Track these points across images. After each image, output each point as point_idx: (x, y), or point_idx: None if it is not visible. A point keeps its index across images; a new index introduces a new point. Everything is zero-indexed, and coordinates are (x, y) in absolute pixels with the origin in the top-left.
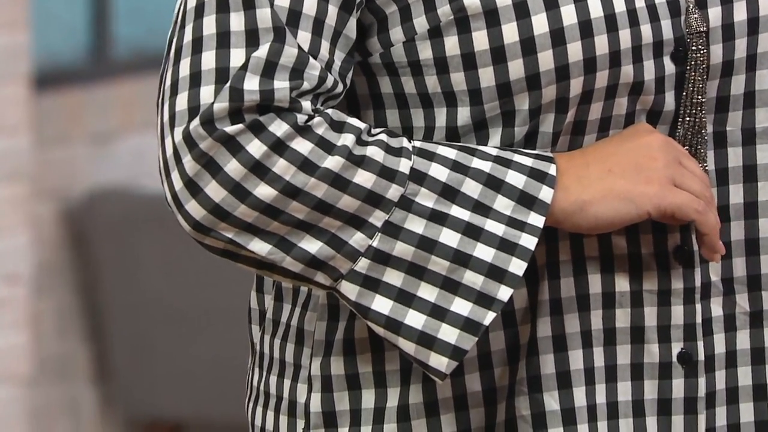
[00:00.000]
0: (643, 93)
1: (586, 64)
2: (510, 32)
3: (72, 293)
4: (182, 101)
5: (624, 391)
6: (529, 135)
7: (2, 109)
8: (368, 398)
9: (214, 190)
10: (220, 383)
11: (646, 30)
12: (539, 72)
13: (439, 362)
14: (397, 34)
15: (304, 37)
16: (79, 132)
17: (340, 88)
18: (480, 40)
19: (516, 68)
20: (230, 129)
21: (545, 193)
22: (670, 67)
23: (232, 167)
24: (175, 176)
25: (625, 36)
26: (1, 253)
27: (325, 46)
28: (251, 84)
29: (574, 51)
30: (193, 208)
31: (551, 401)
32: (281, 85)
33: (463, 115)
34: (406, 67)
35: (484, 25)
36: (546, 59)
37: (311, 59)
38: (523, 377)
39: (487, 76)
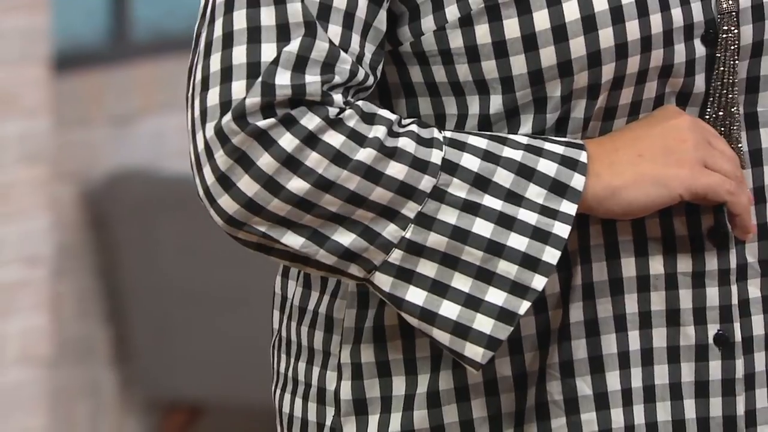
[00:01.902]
0: (672, 76)
1: (617, 50)
2: (541, 19)
3: (92, 275)
4: (213, 96)
5: (661, 374)
6: (560, 121)
7: (22, 91)
8: (398, 385)
9: (247, 185)
10: (241, 365)
11: (677, 14)
12: (571, 59)
13: (475, 352)
14: (428, 23)
15: (335, 31)
16: (98, 114)
17: (371, 80)
18: (511, 27)
19: (548, 55)
20: (262, 123)
21: (577, 181)
22: (700, 49)
23: (265, 161)
24: (207, 171)
25: (656, 20)
26: (21, 235)
27: (355, 39)
28: (283, 79)
29: (606, 37)
30: (226, 202)
31: (584, 386)
32: (313, 79)
33: (495, 102)
34: (436, 56)
35: (515, 13)
36: (578, 46)
37: (342, 53)
38: (555, 362)
39: (518, 64)
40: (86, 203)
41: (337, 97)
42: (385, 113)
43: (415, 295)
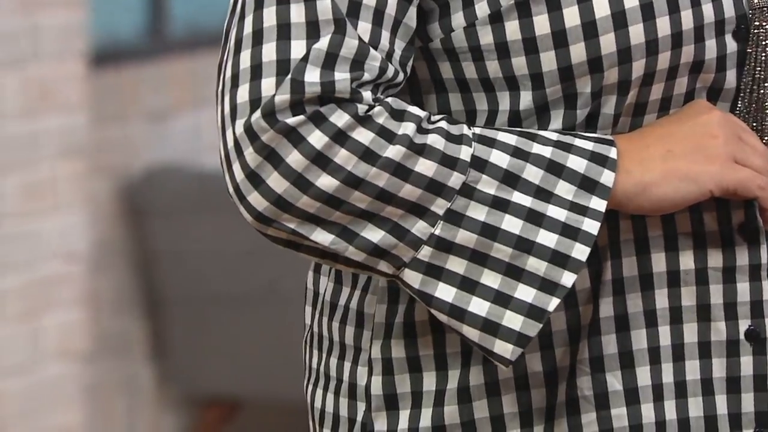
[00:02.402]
0: (703, 71)
1: (648, 46)
2: (571, 16)
3: (129, 270)
4: (243, 93)
5: (692, 369)
6: (590, 117)
7: (60, 86)
8: (429, 380)
9: (276, 182)
10: (278, 361)
11: (707, 9)
12: (601, 55)
13: (504, 349)
14: (458, 19)
15: (365, 28)
16: (136, 109)
17: (400, 77)
18: (541, 24)
19: (578, 52)
20: (291, 120)
21: (607, 177)
22: (732, 45)
23: (294, 158)
24: (237, 168)
25: (687, 16)
26: (58, 230)
27: (385, 36)
28: (312, 76)
29: (636, 33)
30: (256, 199)
31: (614, 381)
32: (342, 76)
33: (526, 99)
34: (467, 53)
35: (545, 9)
36: (608, 42)
37: (372, 50)
38: (585, 357)
39: (548, 61)
40: (123, 198)
41: (366, 95)
42: (414, 110)
43: (445, 292)
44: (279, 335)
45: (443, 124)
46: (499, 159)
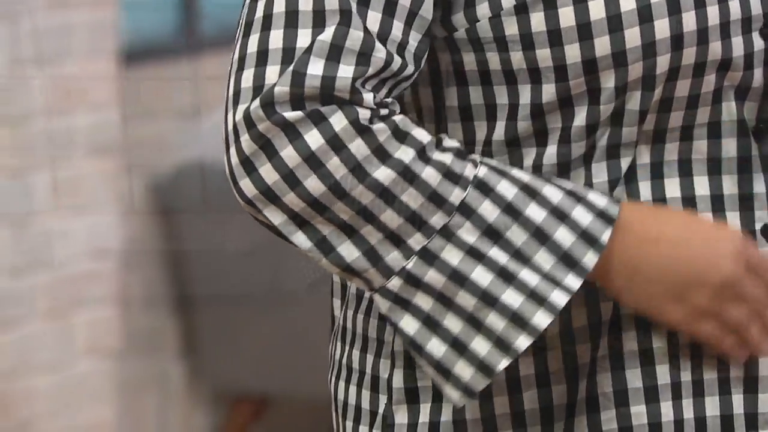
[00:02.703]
0: (731, 69)
1: (673, 42)
2: (597, 9)
3: (160, 267)
4: (248, 78)
5: (709, 368)
6: (615, 114)
7: (91, 85)
8: None
9: (267, 173)
10: (306, 358)
11: (734, 6)
12: (625, 49)
13: (452, 394)
14: (483, 9)
15: (374, 18)
16: (166, 107)
17: (409, 69)
18: (566, 16)
19: (602, 45)
20: (289, 115)
21: (589, 259)
22: (759, 42)
23: (288, 154)
24: (233, 152)
25: (713, 12)
26: (90, 227)
27: (398, 26)
28: (314, 69)
29: (662, 28)
30: (246, 185)
31: (634, 379)
32: (345, 72)
33: (548, 91)
34: (491, 43)
35: (571, 2)
36: (633, 36)
37: (377, 43)
38: (606, 354)
39: (572, 53)
40: (154, 196)
41: (368, 96)
42: (419, 134)
43: (409, 324)
44: (309, 333)
45: (448, 157)
46: (488, 212)
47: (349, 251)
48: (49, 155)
